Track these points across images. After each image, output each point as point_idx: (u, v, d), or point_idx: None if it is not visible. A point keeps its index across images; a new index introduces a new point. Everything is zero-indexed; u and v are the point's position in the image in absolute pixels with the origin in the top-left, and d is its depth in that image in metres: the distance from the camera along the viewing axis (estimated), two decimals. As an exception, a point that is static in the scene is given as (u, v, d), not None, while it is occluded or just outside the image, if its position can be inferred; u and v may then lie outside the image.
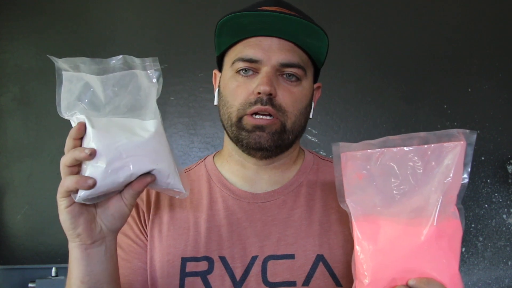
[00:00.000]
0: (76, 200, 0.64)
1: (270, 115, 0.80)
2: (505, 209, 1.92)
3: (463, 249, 1.89)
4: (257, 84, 0.80)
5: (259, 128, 0.80)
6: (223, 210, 0.86)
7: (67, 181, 0.63)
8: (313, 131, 1.96)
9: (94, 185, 0.61)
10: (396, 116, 1.96)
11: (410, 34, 1.99)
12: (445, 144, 0.62)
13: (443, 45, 1.98)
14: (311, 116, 0.89)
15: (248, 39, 0.82)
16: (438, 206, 0.61)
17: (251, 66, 0.81)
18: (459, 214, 0.63)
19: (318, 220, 0.84)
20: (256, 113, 0.80)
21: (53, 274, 1.71)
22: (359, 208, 0.65)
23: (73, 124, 0.67)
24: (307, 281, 0.80)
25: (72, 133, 0.64)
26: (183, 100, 1.98)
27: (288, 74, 0.82)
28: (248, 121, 0.81)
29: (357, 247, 0.64)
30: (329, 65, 1.90)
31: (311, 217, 0.85)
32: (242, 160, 0.89)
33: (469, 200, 1.91)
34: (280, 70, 0.81)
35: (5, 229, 1.92)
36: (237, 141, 0.84)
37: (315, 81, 0.91)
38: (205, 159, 0.95)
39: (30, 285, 1.70)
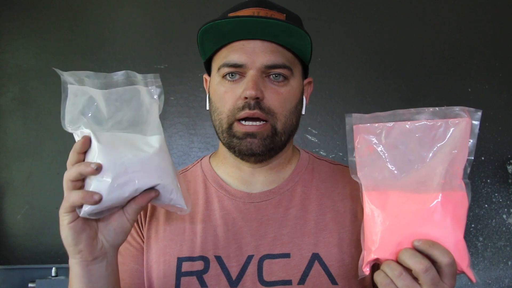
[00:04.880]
0: (81, 215, 0.63)
1: (259, 119, 0.80)
2: (505, 209, 1.91)
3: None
4: (244, 89, 0.79)
5: (250, 135, 0.80)
6: (218, 210, 0.86)
7: (72, 196, 0.62)
8: (313, 131, 1.96)
9: (100, 200, 0.61)
10: (396, 116, 1.95)
11: (410, 35, 1.98)
12: (451, 120, 0.65)
13: (443, 45, 1.97)
14: (303, 112, 0.89)
15: (232, 44, 0.82)
16: (444, 176, 0.64)
17: (237, 71, 0.81)
18: (465, 187, 0.65)
19: (314, 219, 0.84)
20: (245, 119, 0.80)
21: (53, 274, 1.71)
22: (369, 181, 0.68)
23: (77, 138, 0.66)
24: (302, 280, 0.80)
25: (76, 147, 0.64)
26: (183, 100, 1.98)
27: (275, 74, 0.81)
28: (238, 128, 0.81)
29: (366, 216, 0.67)
30: (329, 65, 1.93)
31: (306, 216, 0.85)
32: (237, 163, 0.89)
33: (469, 200, 1.91)
34: (266, 72, 0.81)
35: (5, 229, 1.92)
36: (229, 147, 0.84)
37: (305, 76, 0.90)
38: (201, 160, 0.96)
39: (30, 285, 1.70)
